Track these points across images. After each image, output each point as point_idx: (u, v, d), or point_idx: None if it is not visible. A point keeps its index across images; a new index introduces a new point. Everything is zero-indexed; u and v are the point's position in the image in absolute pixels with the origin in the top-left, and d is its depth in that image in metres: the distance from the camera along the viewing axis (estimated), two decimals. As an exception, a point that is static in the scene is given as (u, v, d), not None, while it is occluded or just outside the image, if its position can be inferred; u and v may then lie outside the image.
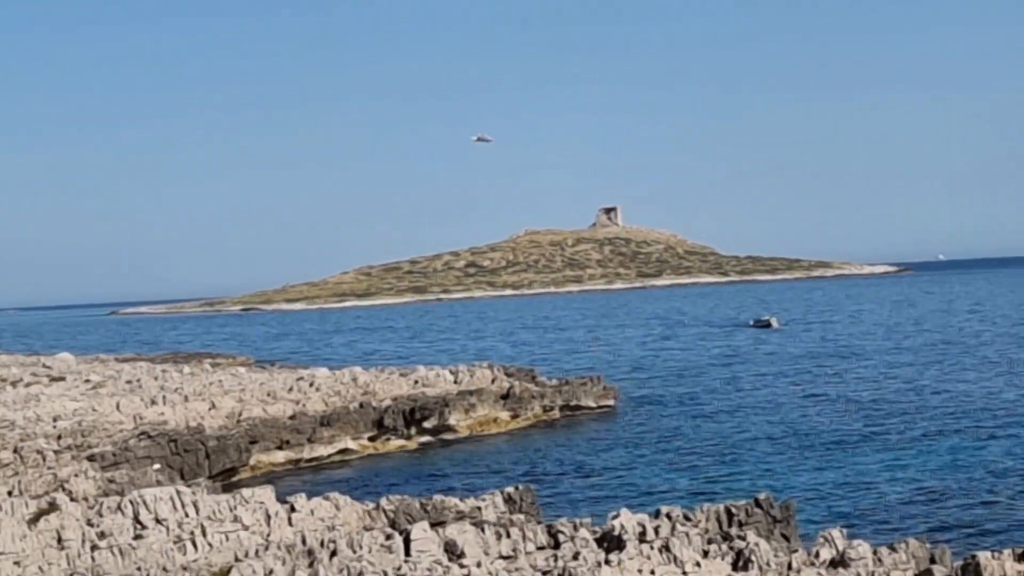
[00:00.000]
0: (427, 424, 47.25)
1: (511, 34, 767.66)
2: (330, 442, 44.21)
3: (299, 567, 19.29)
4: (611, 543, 20.27)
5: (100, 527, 21.47)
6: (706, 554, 19.66)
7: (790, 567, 19.21)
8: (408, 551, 19.68)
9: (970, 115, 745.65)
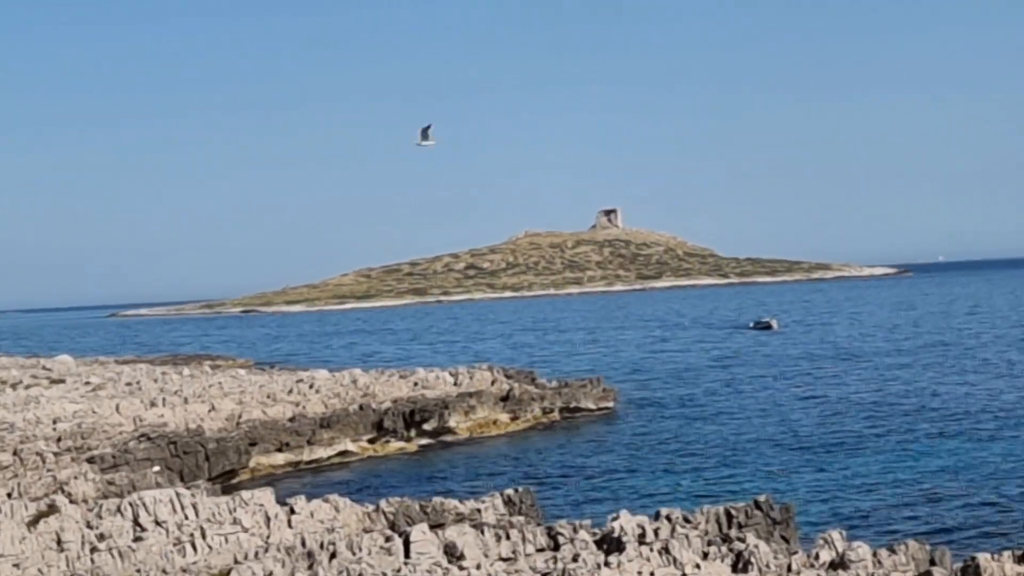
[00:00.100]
0: (427, 426, 47.28)
1: (511, 34, 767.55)
2: (330, 444, 44.21)
3: (298, 569, 19.30)
4: (611, 545, 20.29)
5: (100, 529, 21.48)
6: (706, 556, 19.67)
7: (790, 569, 19.22)
8: (408, 553, 19.69)
9: (970, 116, 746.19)
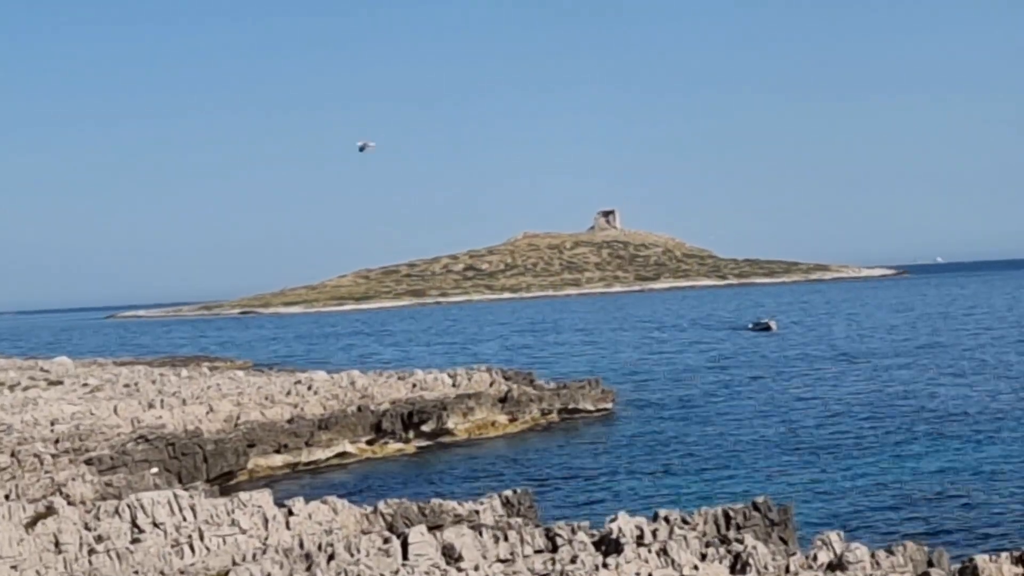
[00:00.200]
0: (425, 428, 47.27)
1: (510, 35, 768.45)
2: (328, 446, 44.20)
3: (297, 571, 19.29)
4: (609, 546, 20.30)
5: (97, 531, 21.47)
6: (704, 557, 19.67)
7: (788, 570, 19.22)
8: (406, 555, 19.69)
9: (968, 118, 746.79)
